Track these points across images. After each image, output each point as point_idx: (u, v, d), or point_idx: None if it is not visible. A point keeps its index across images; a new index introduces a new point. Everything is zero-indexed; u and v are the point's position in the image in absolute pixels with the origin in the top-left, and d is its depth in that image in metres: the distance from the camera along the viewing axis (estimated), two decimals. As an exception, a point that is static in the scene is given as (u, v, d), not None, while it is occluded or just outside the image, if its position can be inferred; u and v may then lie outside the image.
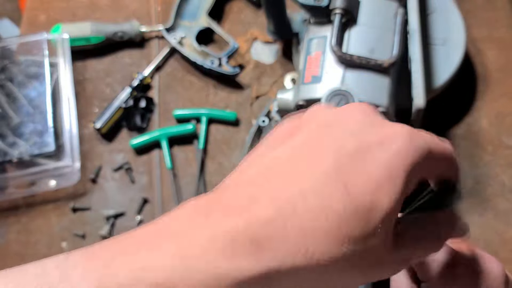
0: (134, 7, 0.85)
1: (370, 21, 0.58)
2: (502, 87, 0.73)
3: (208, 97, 0.76)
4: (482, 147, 0.69)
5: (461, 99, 0.73)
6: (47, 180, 0.70)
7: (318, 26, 0.60)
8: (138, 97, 0.75)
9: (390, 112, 0.56)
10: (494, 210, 0.65)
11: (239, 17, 0.83)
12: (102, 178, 0.72)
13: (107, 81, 0.79)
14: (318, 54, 0.58)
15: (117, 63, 0.80)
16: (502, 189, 0.67)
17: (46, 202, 0.71)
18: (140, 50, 0.81)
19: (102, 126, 0.73)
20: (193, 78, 0.78)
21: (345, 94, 0.54)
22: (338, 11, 0.57)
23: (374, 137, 0.26)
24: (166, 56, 0.79)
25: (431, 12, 0.70)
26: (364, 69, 0.56)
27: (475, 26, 0.77)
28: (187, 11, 0.81)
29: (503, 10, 0.78)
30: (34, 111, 0.72)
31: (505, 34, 0.76)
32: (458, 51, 0.67)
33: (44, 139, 0.70)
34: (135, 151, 0.74)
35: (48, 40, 0.76)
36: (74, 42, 0.78)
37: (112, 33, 0.79)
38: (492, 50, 0.76)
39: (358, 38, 0.57)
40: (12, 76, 0.74)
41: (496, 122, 0.71)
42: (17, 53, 0.76)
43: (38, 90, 0.73)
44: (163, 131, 0.73)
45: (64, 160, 0.69)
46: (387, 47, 0.57)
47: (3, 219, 0.70)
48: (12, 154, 0.69)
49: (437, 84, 0.66)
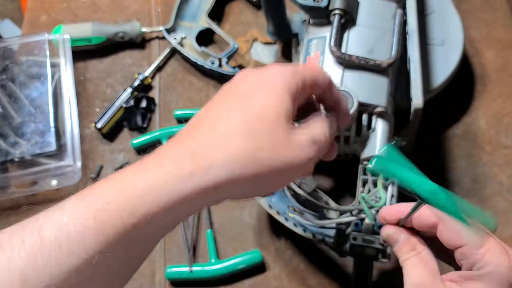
0: (135, 8, 0.85)
1: (369, 21, 0.59)
2: (500, 87, 0.74)
3: (209, 98, 0.76)
4: (480, 147, 0.70)
5: (459, 99, 0.73)
6: (48, 179, 0.70)
7: (317, 26, 0.61)
8: (139, 97, 0.76)
9: (388, 111, 0.56)
10: (492, 210, 0.66)
11: (239, 18, 0.83)
12: (103, 178, 0.73)
13: (108, 81, 0.80)
14: (317, 54, 0.59)
15: (118, 64, 0.81)
16: (500, 188, 0.67)
17: (47, 202, 0.71)
18: (140, 50, 0.82)
19: (103, 126, 0.73)
20: (193, 79, 0.79)
21: (344, 94, 0.55)
22: (337, 12, 0.57)
23: (263, 75, 0.38)
24: (166, 56, 0.80)
25: (429, 13, 0.71)
26: (363, 69, 0.56)
27: (473, 27, 0.78)
28: (187, 12, 0.81)
29: (501, 11, 0.79)
30: (36, 111, 0.72)
31: (503, 35, 0.77)
32: (456, 52, 0.68)
33: (46, 139, 0.70)
34: (136, 151, 0.74)
35: (50, 41, 0.76)
36: (75, 43, 0.78)
37: (113, 33, 0.79)
38: (490, 50, 0.76)
39: (357, 39, 0.58)
40: (14, 76, 0.75)
41: (494, 122, 0.71)
42: (18, 54, 0.77)
43: (40, 90, 0.74)
44: (164, 131, 0.73)
45: (65, 159, 0.69)
46: (386, 48, 0.57)
47: (4, 218, 0.71)
48: (13, 153, 0.69)
49: (436, 84, 0.66)
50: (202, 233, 0.68)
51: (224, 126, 0.36)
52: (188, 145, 0.35)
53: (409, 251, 0.41)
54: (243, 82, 0.39)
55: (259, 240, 0.67)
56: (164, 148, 0.37)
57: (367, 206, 0.54)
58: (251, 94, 0.37)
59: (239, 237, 0.67)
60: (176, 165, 0.34)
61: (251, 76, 0.39)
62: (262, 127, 0.35)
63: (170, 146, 0.36)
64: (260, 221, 0.68)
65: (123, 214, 0.33)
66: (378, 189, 0.58)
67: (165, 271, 0.65)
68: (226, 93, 0.39)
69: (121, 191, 0.34)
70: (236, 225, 0.68)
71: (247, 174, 0.34)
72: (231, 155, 0.34)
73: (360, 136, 0.58)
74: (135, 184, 0.34)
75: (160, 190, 0.33)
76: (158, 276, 0.66)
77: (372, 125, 0.57)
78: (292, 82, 0.38)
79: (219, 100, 0.39)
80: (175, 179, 0.33)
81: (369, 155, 0.57)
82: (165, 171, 0.34)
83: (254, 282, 0.65)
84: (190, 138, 0.36)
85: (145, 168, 0.35)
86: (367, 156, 0.57)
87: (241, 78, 0.39)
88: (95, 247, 0.32)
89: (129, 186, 0.34)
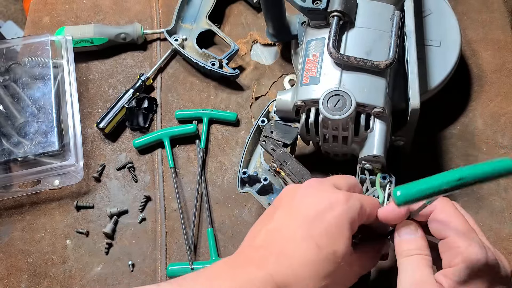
0: (137, 10, 0.86)
1: (367, 23, 0.60)
2: (497, 88, 0.74)
3: (209, 98, 0.77)
4: (477, 147, 0.71)
5: (457, 99, 0.74)
6: (51, 179, 0.71)
7: (316, 28, 0.61)
8: (141, 97, 0.76)
9: (386, 112, 0.57)
10: (489, 208, 0.66)
11: (239, 20, 0.84)
12: (105, 177, 0.74)
13: (110, 82, 0.80)
14: (316, 55, 0.60)
15: (119, 65, 0.82)
16: (497, 187, 0.68)
17: (50, 201, 0.72)
18: (142, 52, 0.83)
19: (105, 126, 0.74)
20: (194, 80, 0.80)
21: (342, 95, 0.56)
22: (335, 14, 0.58)
23: (323, 204, 0.45)
24: (167, 57, 0.81)
25: (427, 14, 0.71)
26: (361, 70, 0.57)
27: (470, 28, 0.79)
28: (188, 14, 0.82)
29: (498, 12, 0.79)
30: (38, 111, 0.73)
31: (500, 36, 0.78)
32: (454, 52, 0.69)
33: (48, 139, 0.71)
34: (137, 151, 0.75)
35: (52, 42, 0.77)
36: (78, 44, 0.79)
37: (114, 35, 0.80)
38: (487, 51, 0.77)
39: (355, 40, 0.59)
40: (17, 77, 0.76)
41: (491, 122, 0.72)
42: (21, 54, 0.78)
43: (42, 91, 0.74)
44: (165, 131, 0.74)
45: (68, 159, 0.70)
46: (384, 49, 0.58)
47: (8, 217, 0.71)
48: (16, 153, 0.70)
49: (433, 85, 0.67)
50: (203, 232, 0.69)
51: (301, 263, 0.43)
52: (269, 273, 0.43)
53: (416, 249, 0.44)
54: (306, 205, 0.46)
55: (259, 238, 0.68)
56: (238, 272, 0.44)
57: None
58: (320, 227, 0.44)
59: (239, 235, 0.68)
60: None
61: (313, 198, 0.46)
62: (333, 271, 0.44)
63: (245, 270, 0.44)
64: (260, 220, 0.69)
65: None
66: (376, 188, 0.59)
67: (167, 269, 0.66)
68: (290, 212, 0.46)
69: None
70: (237, 223, 0.69)
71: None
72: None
73: (358, 136, 0.58)
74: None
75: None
76: (159, 274, 0.67)
77: (370, 125, 0.57)
78: (355, 222, 0.45)
79: (284, 220, 0.46)
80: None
81: (367, 155, 0.57)
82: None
83: (254, 280, 0.65)
84: (267, 264, 0.44)
85: None
86: (365, 156, 0.58)
87: (303, 198, 0.46)
88: None
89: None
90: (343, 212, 0.44)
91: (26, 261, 0.69)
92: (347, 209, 0.44)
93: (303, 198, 0.47)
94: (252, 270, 0.44)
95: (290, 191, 0.48)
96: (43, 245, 0.70)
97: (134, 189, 0.73)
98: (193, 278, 0.44)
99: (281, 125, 0.63)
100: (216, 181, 0.72)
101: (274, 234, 0.46)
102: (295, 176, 0.58)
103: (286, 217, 0.46)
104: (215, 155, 0.74)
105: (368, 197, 0.48)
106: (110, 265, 0.68)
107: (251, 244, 0.47)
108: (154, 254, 0.68)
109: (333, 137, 0.59)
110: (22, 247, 0.70)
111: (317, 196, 0.46)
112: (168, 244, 0.69)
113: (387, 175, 0.59)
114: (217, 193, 0.71)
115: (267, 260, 0.44)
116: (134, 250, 0.69)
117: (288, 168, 0.59)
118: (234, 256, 0.47)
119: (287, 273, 0.43)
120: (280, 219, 0.46)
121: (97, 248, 0.69)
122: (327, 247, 0.43)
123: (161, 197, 0.71)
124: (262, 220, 0.48)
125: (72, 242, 0.70)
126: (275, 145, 0.61)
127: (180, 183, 0.72)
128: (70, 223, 0.71)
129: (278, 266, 0.43)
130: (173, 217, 0.70)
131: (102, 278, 0.67)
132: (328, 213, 0.44)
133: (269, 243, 0.45)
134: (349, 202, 0.45)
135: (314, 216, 0.45)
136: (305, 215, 0.45)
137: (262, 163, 0.64)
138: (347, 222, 0.44)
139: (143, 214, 0.71)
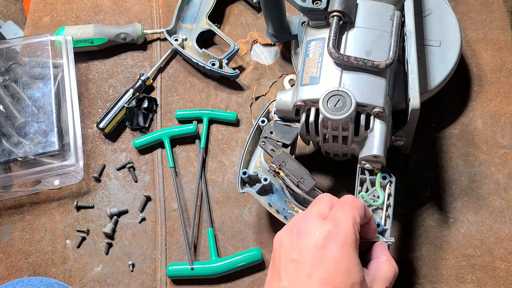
0: (137, 10, 0.86)
1: (367, 23, 0.60)
2: (497, 88, 0.74)
3: (209, 98, 0.77)
4: (477, 147, 0.71)
5: (457, 99, 0.74)
6: (51, 179, 0.71)
7: (316, 28, 0.61)
8: (141, 97, 0.76)
9: (386, 112, 0.57)
10: (489, 208, 0.66)
11: (239, 20, 0.84)
12: (105, 177, 0.74)
13: (110, 82, 0.81)
14: (316, 55, 0.60)
15: (119, 65, 0.82)
16: (496, 187, 0.68)
17: (50, 200, 0.72)
18: (142, 52, 0.83)
19: (105, 126, 0.74)
20: (194, 80, 0.80)
21: (342, 95, 0.56)
22: (335, 14, 0.58)
23: (320, 243, 0.45)
24: (168, 58, 0.81)
25: (427, 14, 0.71)
26: (361, 70, 0.57)
27: (470, 28, 0.79)
28: (188, 14, 0.82)
29: (498, 12, 0.79)
30: (38, 111, 0.73)
31: (500, 36, 0.78)
32: (454, 52, 0.69)
33: (48, 139, 0.71)
34: (137, 151, 0.75)
35: (52, 42, 0.77)
36: (78, 44, 0.79)
37: (114, 35, 0.80)
38: (487, 51, 0.77)
39: (355, 40, 0.59)
40: (17, 76, 0.76)
41: (491, 122, 0.72)
42: (21, 54, 0.78)
43: (42, 91, 0.75)
44: (165, 131, 0.74)
45: (68, 159, 0.70)
46: (384, 49, 0.58)
47: (8, 217, 0.72)
48: (16, 153, 0.70)
49: (433, 85, 0.67)
50: (203, 232, 0.69)
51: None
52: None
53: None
54: (306, 251, 0.45)
55: (259, 238, 0.68)
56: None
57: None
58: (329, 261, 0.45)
59: (239, 235, 0.68)
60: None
61: (321, 230, 0.46)
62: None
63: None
64: (260, 220, 0.69)
65: None
66: (376, 188, 0.59)
67: (167, 269, 0.66)
68: (296, 267, 0.45)
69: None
70: (236, 223, 0.69)
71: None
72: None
73: (358, 136, 0.58)
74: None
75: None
76: (159, 274, 0.67)
77: (370, 125, 0.57)
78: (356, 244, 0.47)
79: (295, 278, 0.45)
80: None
81: (367, 155, 0.57)
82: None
83: (254, 279, 0.65)
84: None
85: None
86: (365, 156, 0.58)
87: (312, 232, 0.46)
88: None
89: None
90: (342, 242, 0.45)
91: (26, 261, 0.69)
92: (344, 235, 0.45)
93: (299, 246, 0.46)
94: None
95: (284, 239, 0.48)
96: (43, 245, 0.70)
97: (134, 189, 0.73)
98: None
99: (281, 125, 0.63)
100: (216, 181, 0.72)
101: (291, 272, 0.45)
102: (294, 177, 0.58)
103: (295, 275, 0.45)
104: (215, 155, 0.74)
105: (352, 204, 0.49)
106: (110, 265, 0.68)
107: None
108: (154, 254, 0.68)
109: (333, 137, 0.59)
110: (22, 247, 0.70)
111: (311, 239, 0.46)
112: (168, 244, 0.69)
113: (387, 175, 0.59)
114: (217, 193, 0.71)
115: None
116: (134, 250, 0.69)
117: (287, 168, 0.59)
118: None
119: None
120: (288, 278, 0.45)
121: (97, 248, 0.69)
122: (345, 282, 0.44)
123: (161, 197, 0.72)
124: (270, 281, 0.48)
125: (72, 242, 0.70)
126: (275, 146, 0.61)
127: (180, 183, 0.72)
128: (70, 223, 0.71)
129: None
130: (173, 217, 0.70)
131: (102, 278, 0.67)
132: (329, 250, 0.45)
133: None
134: (340, 227, 0.46)
135: (319, 260, 0.44)
136: (311, 265, 0.45)
137: (262, 163, 0.64)
138: (350, 246, 0.45)
139: (143, 214, 0.71)
